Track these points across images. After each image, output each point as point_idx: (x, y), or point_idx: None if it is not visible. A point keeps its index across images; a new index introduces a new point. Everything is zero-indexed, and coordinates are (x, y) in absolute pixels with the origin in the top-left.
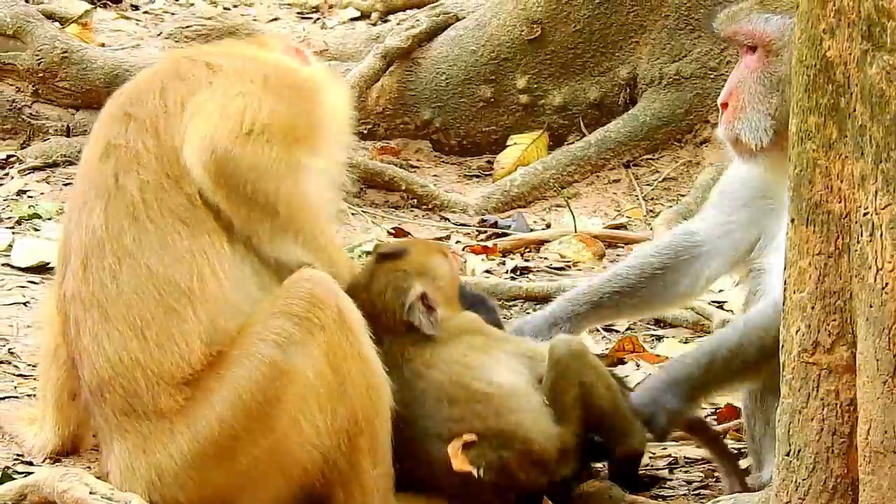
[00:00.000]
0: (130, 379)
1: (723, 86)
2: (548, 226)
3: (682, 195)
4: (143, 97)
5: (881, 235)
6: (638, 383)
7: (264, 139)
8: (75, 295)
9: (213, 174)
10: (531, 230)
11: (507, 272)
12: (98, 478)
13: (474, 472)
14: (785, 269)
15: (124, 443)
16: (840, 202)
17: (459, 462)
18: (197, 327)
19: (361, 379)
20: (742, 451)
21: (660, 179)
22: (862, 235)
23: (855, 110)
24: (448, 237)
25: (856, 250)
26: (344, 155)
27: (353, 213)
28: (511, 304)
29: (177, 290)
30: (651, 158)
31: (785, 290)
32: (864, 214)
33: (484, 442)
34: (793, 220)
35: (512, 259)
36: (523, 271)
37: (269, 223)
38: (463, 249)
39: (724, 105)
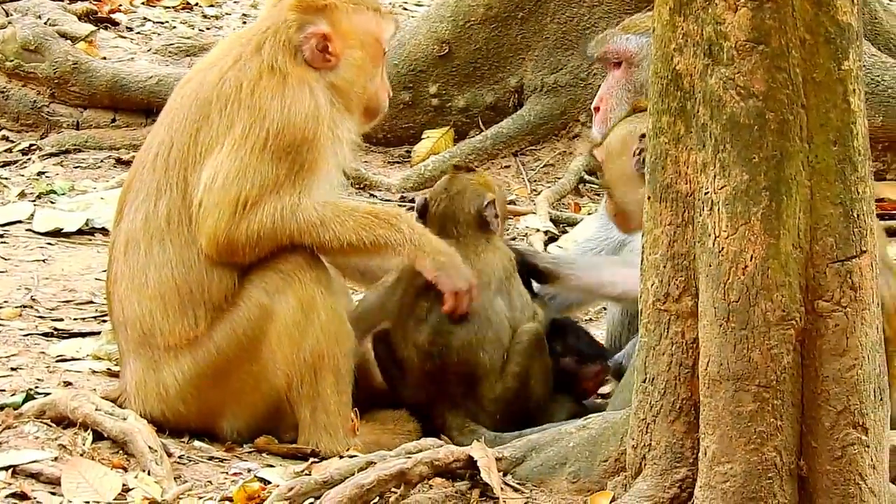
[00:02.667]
0: (149, 328)
1: (591, 92)
2: None
3: (558, 178)
4: (189, 116)
5: (718, 210)
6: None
7: (255, 211)
8: (118, 257)
9: (221, 254)
10: None
11: None
12: (104, 398)
13: None
14: (643, 236)
15: (139, 363)
16: (686, 184)
17: None
18: (205, 310)
19: (330, 326)
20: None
21: (541, 166)
22: (703, 210)
23: (698, 112)
24: None
25: (698, 222)
26: (346, 168)
27: None
28: None
29: (189, 290)
30: (534, 149)
31: (643, 252)
32: (705, 193)
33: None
34: (649, 198)
35: None
36: None
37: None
38: None
39: (597, 109)
